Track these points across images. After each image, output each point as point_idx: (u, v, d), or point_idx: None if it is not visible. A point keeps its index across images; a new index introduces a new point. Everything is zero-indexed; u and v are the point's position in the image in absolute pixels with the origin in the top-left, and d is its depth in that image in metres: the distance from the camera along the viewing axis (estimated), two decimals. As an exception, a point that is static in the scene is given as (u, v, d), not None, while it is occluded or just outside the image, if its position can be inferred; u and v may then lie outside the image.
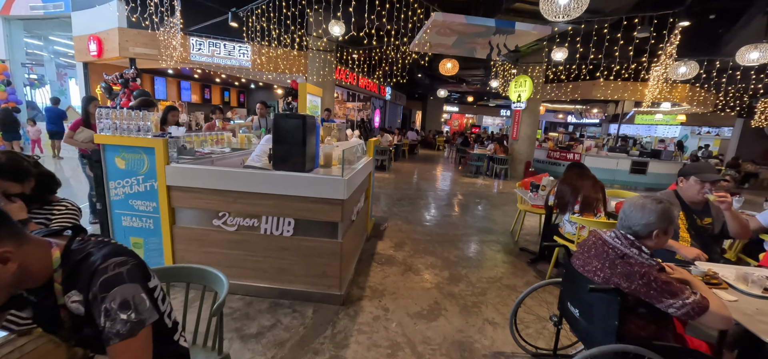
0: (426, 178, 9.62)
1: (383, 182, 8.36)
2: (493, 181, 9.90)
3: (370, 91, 14.81)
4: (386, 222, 5.09)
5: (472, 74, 14.09)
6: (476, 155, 10.45)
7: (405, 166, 11.83)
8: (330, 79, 9.71)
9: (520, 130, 10.61)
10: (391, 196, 6.96)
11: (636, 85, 10.07)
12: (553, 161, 11.77)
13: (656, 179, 10.78)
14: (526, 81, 9.97)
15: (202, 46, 8.90)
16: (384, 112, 18.54)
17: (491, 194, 8.00)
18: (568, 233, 3.33)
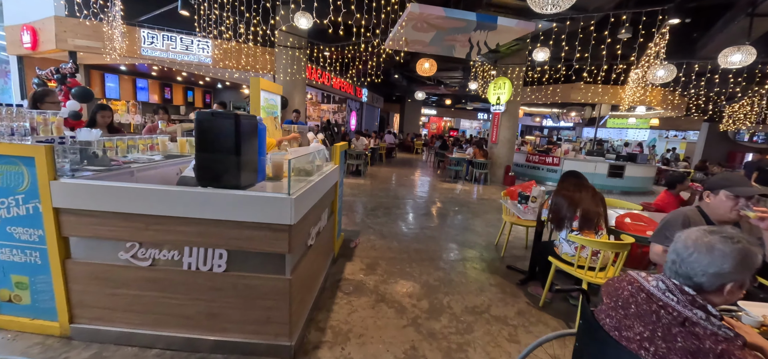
0: (403, 183, 9.10)
1: (358, 189, 7.77)
2: (473, 186, 9.52)
3: (346, 92, 14.19)
4: (358, 238, 4.50)
5: (450, 76, 13.78)
6: (455, 159, 10.05)
7: (382, 171, 11.29)
8: (300, 78, 9.02)
9: (499, 133, 10.31)
10: (365, 205, 6.37)
11: (615, 89, 10.01)
12: (532, 165, 11.58)
13: (632, 183, 10.77)
14: (506, 83, 9.68)
15: (154, 39, 8.01)
16: (361, 114, 17.95)
17: (471, 200, 7.57)
18: (566, 254, 2.86)
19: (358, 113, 17.65)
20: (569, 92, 10.44)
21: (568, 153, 11.41)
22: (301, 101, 9.25)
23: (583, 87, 10.14)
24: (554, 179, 10.96)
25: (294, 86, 8.98)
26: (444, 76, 13.82)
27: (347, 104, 15.80)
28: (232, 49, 8.50)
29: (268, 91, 3.82)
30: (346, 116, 15.86)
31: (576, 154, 12.02)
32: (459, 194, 8.24)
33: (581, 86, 10.15)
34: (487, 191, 8.82)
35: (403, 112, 23.92)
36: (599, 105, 11.01)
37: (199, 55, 8.43)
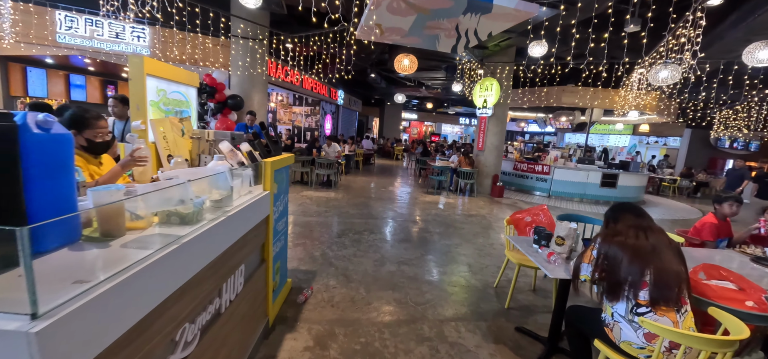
0: (380, 196, 7.95)
1: (325, 206, 6.55)
2: (458, 198, 8.49)
3: (319, 94, 12.95)
4: (312, 284, 3.30)
5: (431, 77, 12.82)
6: (439, 168, 9.01)
7: (357, 180, 10.10)
8: (260, 75, 7.73)
9: (486, 139, 9.36)
10: (330, 228, 5.17)
11: (607, 92, 9.30)
12: (520, 174, 10.71)
13: (625, 193, 10.06)
14: (493, 84, 8.75)
15: (74, 23, 6.54)
16: (336, 118, 16.72)
17: (458, 218, 6.51)
18: (628, 344, 1.76)
19: (334, 116, 16.41)
20: (560, 95, 9.66)
21: (557, 161, 10.62)
22: (261, 101, 7.96)
23: (574, 90, 9.38)
24: (544, 190, 10.13)
25: (252, 84, 7.69)
26: (425, 78, 12.85)
27: (321, 107, 14.56)
28: (176, 38, 7.13)
29: (168, 79, 2.60)
30: (320, 119, 14.61)
31: (565, 161, 11.26)
32: (443, 209, 7.16)
33: (573, 89, 9.39)
34: (474, 205, 7.79)
35: (382, 116, 22.86)
36: (590, 110, 10.32)
37: (134, 45, 7.01)
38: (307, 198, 7.14)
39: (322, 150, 9.39)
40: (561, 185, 9.98)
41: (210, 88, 6.87)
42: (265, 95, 8.11)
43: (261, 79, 7.85)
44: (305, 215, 5.83)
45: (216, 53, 7.59)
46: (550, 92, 9.54)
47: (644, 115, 10.13)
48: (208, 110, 7.09)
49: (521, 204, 8.48)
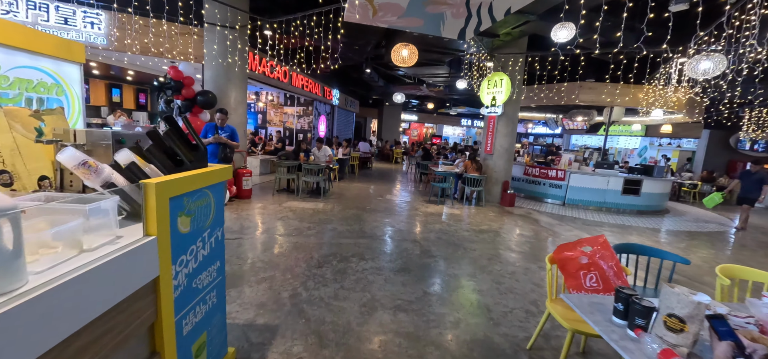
0: (376, 207, 6.93)
1: (309, 220, 5.54)
2: (464, 208, 7.47)
3: (311, 93, 11.96)
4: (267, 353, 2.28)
5: (433, 73, 11.83)
6: (442, 174, 7.99)
7: (351, 188, 9.09)
8: (237, 69, 6.73)
9: (495, 141, 8.35)
10: (310, 253, 4.15)
11: (628, 89, 8.30)
12: (531, 180, 9.70)
13: (649, 201, 9.06)
14: (503, 80, 7.75)
15: (12, 6, 5.55)
16: (332, 119, 15.73)
17: (467, 235, 5.49)
18: None
19: (329, 118, 15.42)
20: (577, 93, 8.66)
21: (571, 165, 9.61)
22: (239, 98, 6.96)
23: (594, 86, 8.39)
24: (558, 198, 9.12)
25: (228, 79, 6.69)
26: (426, 74, 11.88)
27: (315, 107, 13.57)
28: (139, 25, 6.14)
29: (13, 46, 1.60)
30: (314, 120, 13.61)
31: (580, 165, 10.26)
32: (448, 223, 6.14)
33: (592, 85, 8.40)
34: (483, 217, 6.78)
35: (381, 117, 21.88)
36: (609, 109, 9.33)
37: (87, 33, 6.01)
38: (289, 211, 6.13)
39: (311, 154, 8.39)
40: (578, 193, 8.96)
41: (175, 83, 5.87)
42: (244, 91, 7.11)
43: (239, 73, 6.84)
44: (282, 234, 4.81)
45: (186, 43, 6.60)
46: (568, 88, 8.54)
47: (669, 114, 9.16)
48: (174, 109, 6.09)
49: (536, 215, 7.46)
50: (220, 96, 6.64)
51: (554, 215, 7.71)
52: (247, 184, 6.84)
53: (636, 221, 7.70)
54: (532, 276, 3.96)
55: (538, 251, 4.95)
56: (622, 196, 8.87)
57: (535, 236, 5.74)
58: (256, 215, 5.66)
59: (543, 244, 5.33)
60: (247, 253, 3.98)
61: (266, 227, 5.07)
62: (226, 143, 5.44)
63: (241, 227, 4.93)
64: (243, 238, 4.48)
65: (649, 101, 8.25)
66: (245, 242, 4.31)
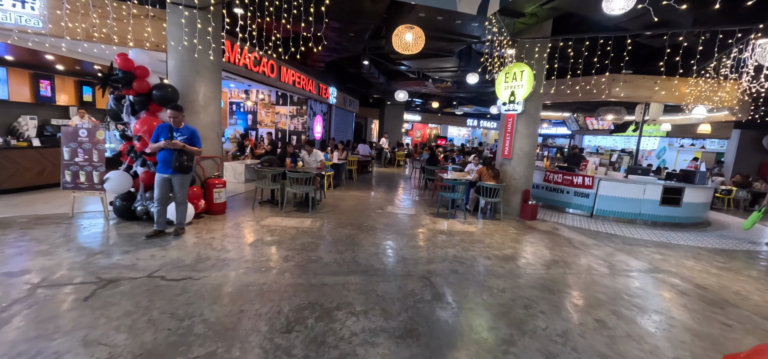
0: (373, 225, 5.76)
1: (289, 246, 4.37)
2: (478, 222, 6.28)
3: (304, 90, 10.81)
4: None
5: (439, 67, 10.64)
6: (452, 182, 6.79)
7: (348, 197, 7.91)
8: (209, 59, 5.57)
9: (514, 144, 7.15)
10: (278, 303, 2.99)
11: (671, 82, 7.06)
12: (552, 187, 8.49)
13: (691, 212, 7.83)
14: (524, 72, 6.56)
15: None
16: (329, 120, 14.57)
17: (490, 267, 4.30)
18: None
19: (326, 118, 14.27)
20: (609, 86, 7.43)
21: (596, 170, 8.41)
22: (210, 94, 5.80)
23: (630, 79, 7.15)
24: (584, 208, 7.92)
25: (195, 70, 5.54)
26: (432, 68, 10.69)
27: (309, 107, 12.42)
28: (80, 5, 5.00)
29: None
30: (309, 121, 12.46)
31: (607, 170, 9.04)
32: (464, 248, 4.95)
33: (628, 78, 7.17)
34: (505, 236, 5.58)
35: (382, 117, 20.71)
36: (643, 105, 8.09)
37: (18, 14, 4.88)
38: (267, 232, 4.96)
39: (300, 159, 7.23)
40: (608, 203, 7.76)
41: (123, 75, 4.72)
42: (217, 86, 5.95)
43: (211, 64, 5.69)
44: (247, 270, 3.65)
45: (140, 27, 5.45)
46: (597, 83, 7.31)
47: (715, 112, 7.93)
48: (125, 106, 4.94)
49: (566, 232, 6.26)
50: (186, 91, 5.49)
51: (584, 231, 6.51)
52: (219, 197, 5.68)
53: (683, 238, 6.49)
54: (595, 339, 2.78)
55: (587, 290, 3.76)
56: (661, 207, 7.66)
57: (573, 264, 4.54)
58: (222, 240, 4.50)
59: (588, 278, 4.14)
60: (187, 309, 2.81)
61: (229, 259, 3.90)
62: (182, 148, 4.29)
63: (195, 261, 3.77)
64: (191, 280, 3.31)
65: (695, 97, 7.03)
66: (191, 288, 3.15)
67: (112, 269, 3.42)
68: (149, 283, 3.18)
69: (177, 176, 4.39)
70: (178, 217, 4.64)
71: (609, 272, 4.41)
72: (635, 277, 4.30)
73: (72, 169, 5.09)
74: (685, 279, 4.39)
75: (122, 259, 3.67)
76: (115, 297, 2.90)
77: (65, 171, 5.07)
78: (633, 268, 4.63)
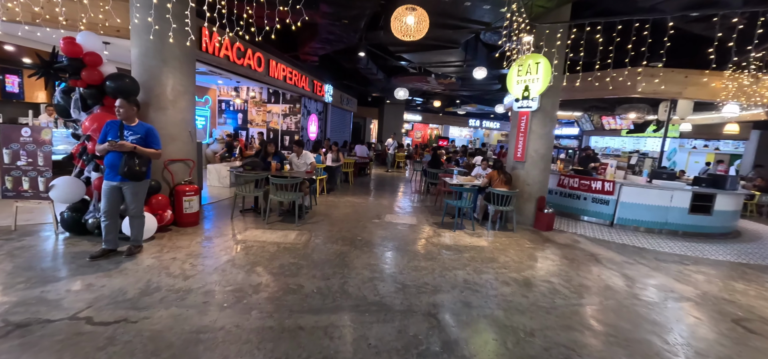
0: (368, 239, 4.98)
1: (266, 270, 3.59)
2: (489, 234, 5.50)
3: (296, 86, 10.03)
4: None
5: (442, 61, 9.86)
6: (459, 188, 6.00)
7: (341, 204, 7.13)
8: (182, 47, 4.79)
9: (528, 145, 6.38)
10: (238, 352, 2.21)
11: (700, 76, 6.27)
12: (567, 193, 7.71)
13: (722, 221, 7.07)
14: (540, 64, 5.81)
15: None
16: (325, 119, 13.79)
17: (511, 298, 3.53)
18: None
19: (321, 117, 13.49)
20: (626, 82, 6.64)
21: (614, 174, 7.63)
22: (181, 88, 5.01)
23: (656, 73, 6.37)
24: (604, 217, 7.15)
25: (162, 60, 4.76)
26: (435, 63, 9.91)
27: (303, 105, 11.64)
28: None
29: None
30: (302, 120, 11.68)
31: (626, 174, 8.26)
32: (476, 269, 4.17)
33: (654, 72, 6.39)
34: (521, 252, 4.80)
35: (381, 117, 19.93)
36: (669, 102, 7.31)
37: (-55, -11, 4.09)
38: (242, 251, 4.18)
39: (287, 162, 6.45)
40: (630, 211, 6.98)
41: (69, 62, 3.94)
42: (190, 78, 5.17)
43: (182, 53, 4.91)
44: (206, 306, 2.86)
45: (96, 7, 4.67)
46: (617, 77, 6.52)
47: (750, 110, 7.17)
48: (74, 100, 4.15)
49: (588, 246, 5.48)
50: (151, 83, 4.71)
51: (608, 244, 5.73)
52: (190, 206, 4.90)
53: (719, 252, 5.71)
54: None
55: (636, 328, 2.98)
56: (689, 215, 6.88)
57: (608, 291, 3.76)
58: (184, 261, 3.71)
59: (634, 312, 3.35)
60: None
61: (185, 291, 3.12)
62: (133, 150, 3.51)
63: (140, 293, 2.98)
64: (125, 324, 2.53)
65: (733, 92, 6.25)
66: (121, 338, 2.36)
67: (28, 307, 2.64)
68: (68, 330, 2.40)
69: (128, 184, 3.61)
70: (133, 233, 3.86)
71: (655, 299, 3.63)
72: (687, 308, 3.52)
73: (13, 174, 4.31)
74: (744, 308, 3.62)
75: (48, 291, 2.89)
76: (9, 358, 2.11)
77: (5, 177, 4.29)
78: (678, 293, 3.85)
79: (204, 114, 11.30)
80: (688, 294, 3.90)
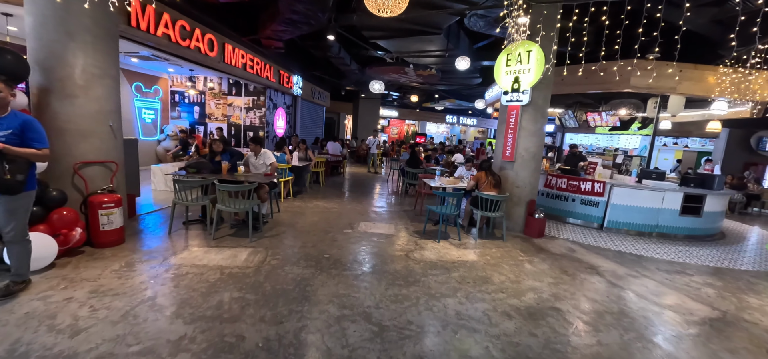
0: (338, 258, 4.15)
1: (193, 316, 2.67)
2: (477, 245, 4.81)
3: (259, 76, 8.95)
4: None
5: (422, 51, 9.11)
6: (443, 192, 5.26)
7: (308, 209, 6.24)
8: (87, 15, 3.70)
9: (518, 143, 5.74)
10: None
11: (693, 71, 5.87)
12: (555, 194, 7.21)
13: (711, 222, 6.81)
14: (532, 52, 5.17)
15: None
16: (294, 114, 12.72)
17: (517, 335, 2.84)
18: None
19: (290, 112, 12.41)
20: (617, 75, 6.15)
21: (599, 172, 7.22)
22: (96, 71, 3.92)
23: (649, 66, 5.90)
24: (593, 219, 6.70)
25: (67, 33, 3.68)
26: (414, 52, 9.13)
27: (269, 98, 10.55)
28: None
29: None
30: (268, 115, 10.58)
31: (613, 173, 7.90)
32: (469, 295, 3.45)
33: (647, 64, 5.92)
34: (516, 266, 4.13)
35: (356, 112, 19.00)
36: (658, 97, 6.95)
37: None
38: (172, 279, 3.22)
39: (242, 163, 5.48)
40: (621, 213, 6.55)
41: None
42: (110, 58, 4.08)
43: (95, 25, 3.83)
44: None
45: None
46: (610, 68, 6.02)
47: (739, 106, 6.95)
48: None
49: (584, 255, 4.92)
50: (51, 63, 3.62)
51: (605, 251, 5.22)
52: (110, 222, 3.85)
53: (715, 257, 5.33)
54: None
55: (676, 382, 2.34)
56: (680, 217, 6.54)
57: (623, 316, 3.14)
58: (83, 303, 2.73)
59: (662, 353, 2.73)
60: None
61: (67, 357, 2.16)
62: (0, 151, 2.48)
63: (-13, 366, 2.00)
64: None
65: (725, 88, 5.91)
66: None
67: None
68: None
69: (-2, 200, 2.58)
70: (13, 264, 2.83)
71: (677, 326, 3.04)
72: (715, 337, 2.96)
73: None
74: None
75: None
76: None
77: None
78: (698, 316, 3.30)
79: (154, 107, 9.97)
80: (708, 315, 3.36)
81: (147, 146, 9.78)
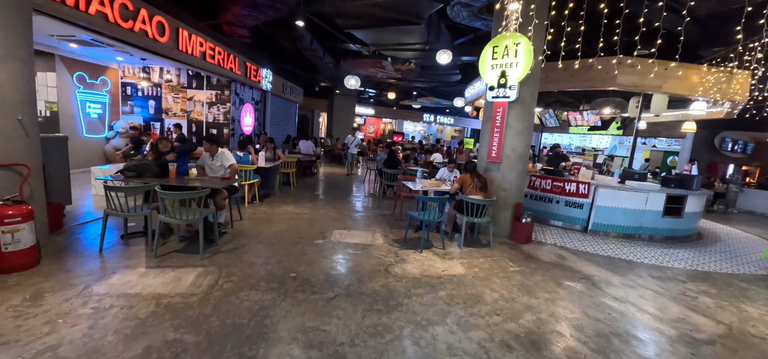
0: (304, 279, 3.57)
1: (117, 347, 2.02)
2: (463, 254, 4.37)
3: (223, 68, 8.12)
4: None
5: (400, 43, 8.60)
6: (425, 199, 4.77)
7: (276, 216, 5.57)
8: None
9: (504, 143, 5.35)
10: None
11: (676, 69, 5.72)
12: (539, 196, 6.93)
13: (691, 223, 6.77)
14: (519, 45, 4.79)
15: None
16: (263, 110, 11.87)
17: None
18: None
19: (259, 108, 11.55)
20: (606, 74, 5.93)
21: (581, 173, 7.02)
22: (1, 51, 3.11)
23: (634, 64, 5.69)
24: (578, 221, 6.48)
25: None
26: (392, 44, 8.58)
27: (235, 92, 9.69)
28: None
29: None
30: (234, 111, 9.72)
31: (594, 173, 7.74)
32: (456, 320, 2.97)
33: (633, 63, 5.70)
34: (506, 277, 3.71)
35: (331, 109, 18.27)
36: (638, 99, 6.82)
37: None
38: (90, 317, 2.52)
39: (197, 165, 4.75)
40: (606, 215, 6.36)
41: None
42: (18, 36, 3.27)
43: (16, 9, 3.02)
44: None
45: None
46: (596, 65, 5.76)
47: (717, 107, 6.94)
48: None
49: (575, 262, 4.60)
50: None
51: (594, 257, 4.94)
52: (15, 241, 3.06)
53: (700, 260, 5.19)
54: None
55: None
56: (662, 218, 6.42)
57: (628, 338, 2.78)
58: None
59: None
60: None
61: None
62: None
63: None
64: None
65: (705, 87, 5.81)
66: None
67: None
68: None
69: None
70: None
71: (693, 348, 2.70)
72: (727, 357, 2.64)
73: None
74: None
75: None
76: None
77: None
78: (703, 331, 3.00)
79: (101, 100, 8.87)
80: (715, 331, 3.07)
81: (92, 145, 8.69)
